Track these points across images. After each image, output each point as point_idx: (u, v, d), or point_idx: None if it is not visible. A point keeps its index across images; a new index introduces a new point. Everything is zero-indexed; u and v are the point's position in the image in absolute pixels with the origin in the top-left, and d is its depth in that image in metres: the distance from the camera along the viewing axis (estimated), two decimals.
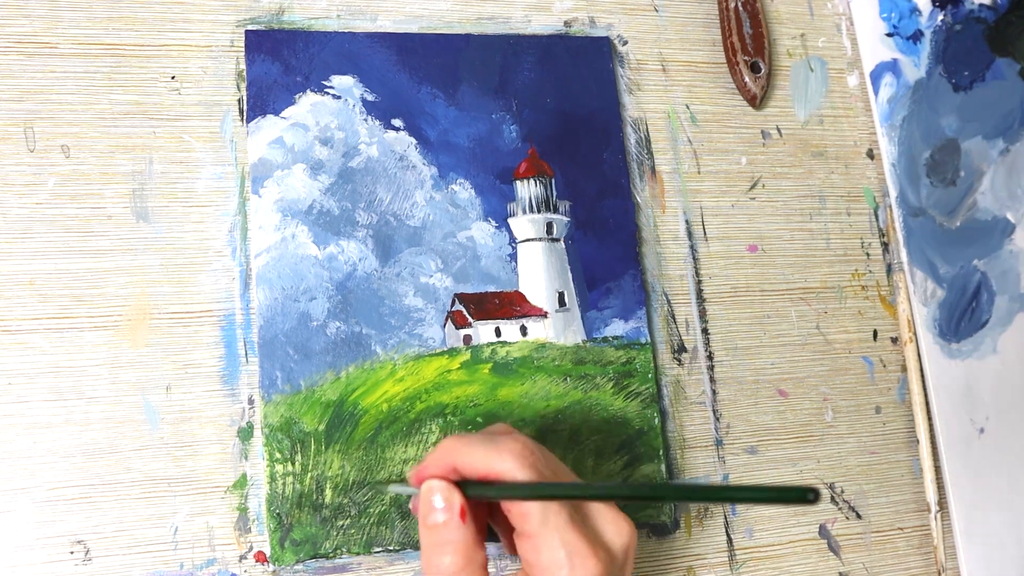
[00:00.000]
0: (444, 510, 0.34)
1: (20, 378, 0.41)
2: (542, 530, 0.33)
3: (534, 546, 0.33)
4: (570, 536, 0.33)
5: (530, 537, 0.33)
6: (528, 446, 0.34)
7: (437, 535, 0.34)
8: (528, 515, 0.33)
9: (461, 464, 0.35)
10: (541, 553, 0.33)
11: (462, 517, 0.34)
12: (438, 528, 0.34)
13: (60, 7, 0.45)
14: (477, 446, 0.34)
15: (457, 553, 0.34)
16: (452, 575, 0.34)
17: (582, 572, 0.32)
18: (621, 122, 0.51)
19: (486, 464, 0.34)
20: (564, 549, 0.32)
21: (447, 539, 0.34)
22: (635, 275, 0.49)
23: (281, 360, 0.43)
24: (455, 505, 0.34)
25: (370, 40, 0.48)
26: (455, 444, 0.35)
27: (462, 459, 0.35)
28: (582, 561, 0.32)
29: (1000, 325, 0.53)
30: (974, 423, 0.51)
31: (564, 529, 0.33)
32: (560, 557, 0.32)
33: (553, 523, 0.33)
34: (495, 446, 0.34)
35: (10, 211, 0.43)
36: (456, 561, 0.34)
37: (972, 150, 0.55)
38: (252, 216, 0.45)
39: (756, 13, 0.54)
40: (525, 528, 0.33)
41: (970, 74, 0.56)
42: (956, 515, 0.50)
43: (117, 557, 0.41)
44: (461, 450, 0.35)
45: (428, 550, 0.34)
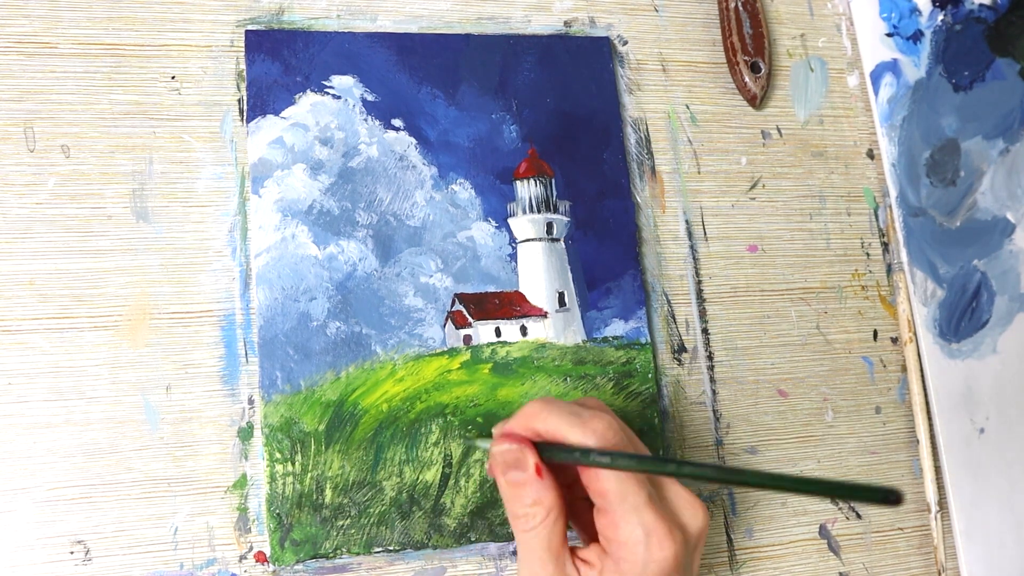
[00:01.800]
0: (519, 469, 0.35)
1: (20, 378, 0.41)
2: (621, 507, 0.33)
3: (612, 522, 0.34)
4: (648, 515, 0.33)
5: (609, 513, 0.34)
6: (613, 426, 0.35)
7: (518, 489, 0.35)
8: (608, 492, 0.34)
9: (543, 429, 0.35)
10: (619, 529, 0.33)
11: (538, 474, 0.35)
12: (518, 484, 0.35)
13: (60, 7, 0.46)
14: (563, 415, 0.35)
15: (539, 504, 0.35)
16: (536, 526, 0.35)
17: (658, 551, 0.33)
18: (621, 122, 0.51)
19: (567, 435, 0.34)
20: (642, 527, 0.33)
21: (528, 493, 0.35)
22: (635, 275, 0.49)
23: (281, 360, 0.43)
24: (529, 464, 0.35)
25: (370, 40, 0.48)
26: (541, 408, 0.36)
27: (544, 424, 0.35)
28: (659, 540, 0.33)
29: (1000, 325, 0.53)
30: (974, 423, 0.51)
31: (642, 508, 0.33)
32: (638, 534, 0.33)
33: (632, 501, 0.33)
34: (580, 419, 0.35)
35: (10, 211, 0.43)
36: (540, 512, 0.35)
37: (972, 150, 0.55)
38: (252, 216, 0.45)
39: (756, 13, 0.54)
40: (604, 504, 0.34)
41: (970, 74, 0.56)
42: (956, 515, 0.50)
43: (117, 557, 0.41)
44: (546, 416, 0.35)
45: (511, 502, 0.35)
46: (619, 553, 0.33)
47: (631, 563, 0.33)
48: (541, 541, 0.34)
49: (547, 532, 0.34)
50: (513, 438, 0.35)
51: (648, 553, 0.33)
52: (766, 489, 0.31)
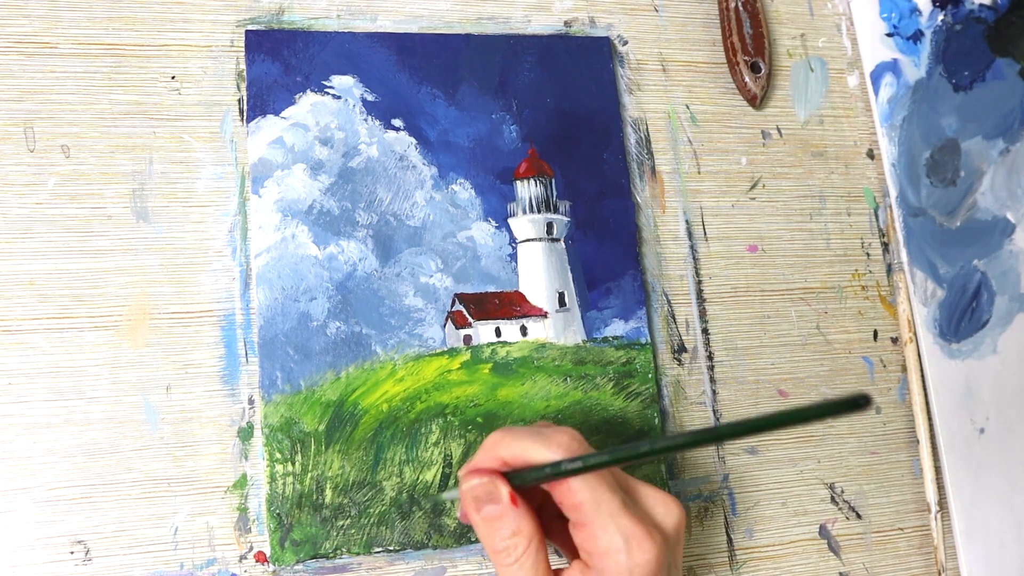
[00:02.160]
0: (492, 502, 0.35)
1: (20, 378, 0.41)
2: (596, 517, 0.33)
3: (590, 533, 0.34)
4: (624, 520, 0.33)
5: (585, 525, 0.34)
6: (576, 437, 0.35)
7: (495, 524, 0.35)
8: (581, 504, 0.34)
9: (508, 456, 0.35)
10: (598, 540, 0.33)
11: (513, 503, 0.34)
12: (493, 519, 0.35)
13: (60, 7, 0.46)
14: (524, 438, 0.35)
15: (519, 534, 0.34)
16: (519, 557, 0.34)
17: (639, 555, 0.33)
18: (621, 122, 0.51)
19: (534, 455, 0.34)
20: (620, 534, 0.33)
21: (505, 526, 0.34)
22: (635, 275, 0.49)
23: (281, 360, 0.43)
24: (502, 495, 0.35)
25: (370, 40, 0.48)
26: (502, 437, 0.36)
27: (510, 451, 0.35)
28: (639, 544, 0.33)
29: (1000, 325, 0.53)
30: (974, 423, 0.51)
31: (618, 514, 0.33)
32: (617, 542, 0.33)
33: (606, 509, 0.33)
34: (543, 437, 0.35)
35: (10, 211, 0.43)
36: (521, 542, 0.34)
37: (972, 150, 0.55)
38: (252, 216, 0.45)
39: (756, 13, 0.54)
40: (579, 517, 0.34)
41: (970, 74, 0.56)
42: (956, 515, 0.50)
43: (117, 557, 0.41)
44: (508, 443, 0.35)
45: (489, 538, 0.35)
46: (601, 564, 0.33)
47: (615, 572, 0.33)
48: (527, 572, 0.34)
49: (531, 562, 0.34)
50: (481, 472, 0.35)
51: (630, 559, 0.33)
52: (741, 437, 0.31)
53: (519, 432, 0.35)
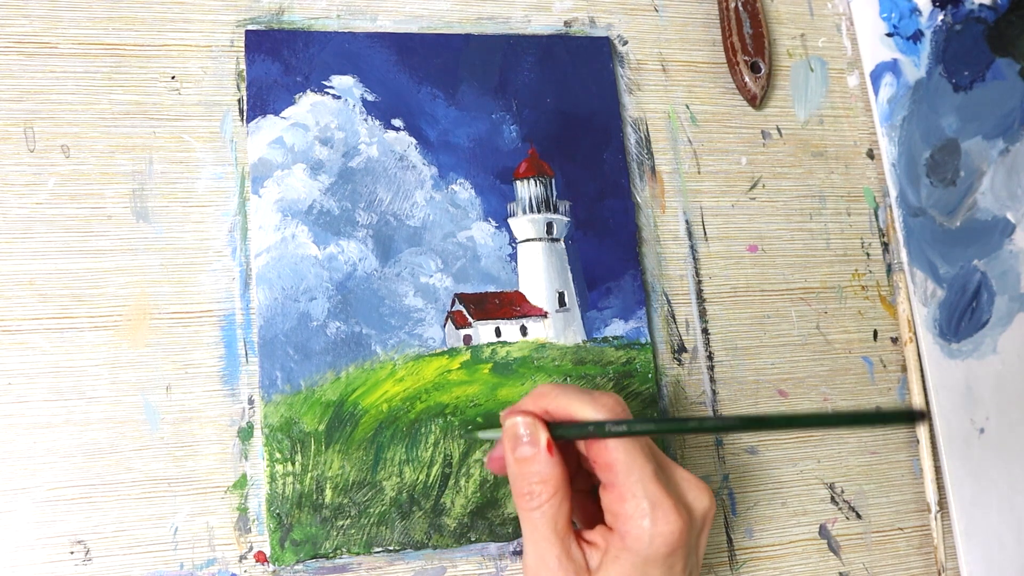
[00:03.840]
0: (530, 443, 0.35)
1: (20, 378, 0.41)
2: (627, 480, 0.33)
3: (619, 495, 0.34)
4: (654, 488, 0.33)
5: (615, 487, 0.34)
6: (621, 402, 0.35)
7: (526, 466, 0.35)
8: (614, 465, 0.34)
9: (554, 408, 0.35)
10: (626, 502, 0.33)
11: (549, 450, 0.34)
12: (526, 460, 0.35)
13: (60, 7, 0.46)
14: (572, 394, 0.35)
15: (546, 483, 0.34)
16: (542, 504, 0.34)
17: (663, 524, 0.33)
18: (621, 122, 0.51)
19: (579, 412, 0.34)
20: (648, 500, 0.33)
21: (535, 470, 0.34)
22: (635, 275, 0.49)
23: (281, 360, 0.43)
24: (541, 438, 0.35)
25: (370, 40, 0.48)
26: (549, 389, 0.36)
27: (555, 403, 0.35)
28: (664, 514, 0.33)
29: (1000, 325, 0.53)
30: (974, 423, 0.51)
31: (649, 481, 0.33)
32: (644, 507, 0.33)
33: (638, 475, 0.33)
34: (590, 396, 0.35)
35: (10, 211, 0.43)
36: (547, 490, 0.34)
37: (972, 150, 0.55)
38: (252, 216, 0.45)
39: (756, 13, 0.54)
40: (610, 478, 0.34)
41: (970, 74, 0.56)
42: (956, 515, 0.50)
43: (117, 557, 0.41)
44: (555, 395, 0.35)
45: (517, 480, 0.35)
46: (625, 527, 0.33)
47: (636, 537, 0.33)
48: (547, 520, 0.34)
49: (553, 511, 0.34)
50: (525, 413, 0.35)
51: (654, 527, 0.33)
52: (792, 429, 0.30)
53: (567, 388, 0.36)
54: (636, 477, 0.33)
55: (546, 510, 0.34)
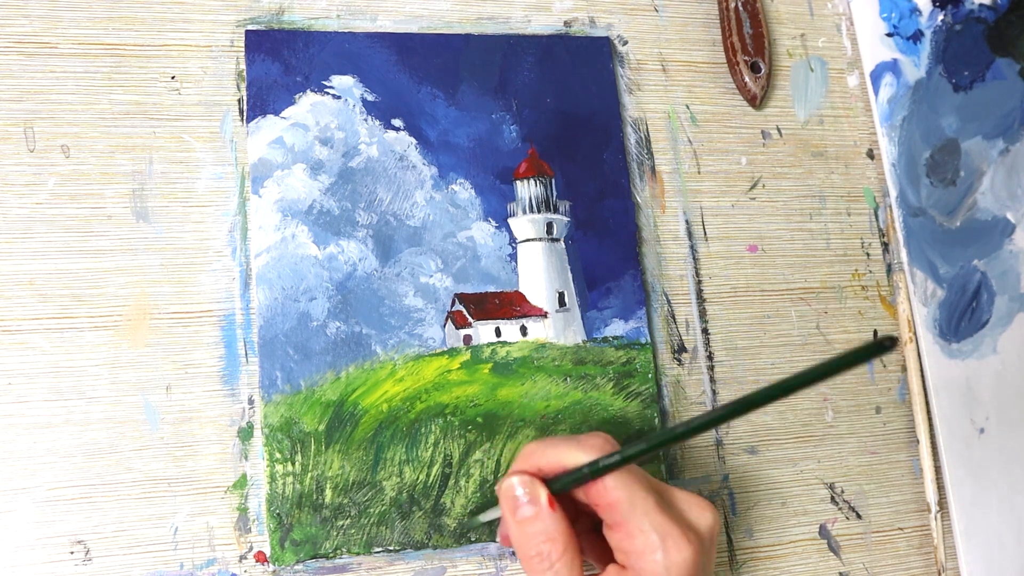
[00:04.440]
0: (530, 503, 0.34)
1: (20, 378, 0.41)
2: (632, 515, 0.33)
3: (627, 533, 0.33)
4: (660, 519, 0.33)
5: (621, 525, 0.34)
6: (608, 439, 0.35)
7: (530, 527, 0.34)
8: (616, 504, 0.33)
9: (545, 464, 0.35)
10: (635, 539, 0.33)
11: (551, 506, 0.34)
12: (529, 521, 0.34)
13: (60, 7, 0.45)
14: (558, 444, 0.35)
15: (554, 541, 0.34)
16: (553, 563, 0.34)
17: (676, 554, 0.33)
18: (621, 122, 0.51)
19: (569, 460, 0.34)
20: (656, 532, 0.33)
21: (540, 529, 0.34)
22: (635, 275, 0.49)
23: (281, 360, 0.43)
24: (540, 495, 0.34)
25: (370, 40, 0.48)
26: (536, 447, 0.36)
27: (545, 459, 0.35)
28: (675, 543, 0.33)
29: (1000, 325, 0.53)
30: (974, 423, 0.51)
31: (653, 513, 0.33)
32: (654, 540, 0.33)
33: (641, 508, 0.33)
34: (576, 442, 0.35)
35: (10, 211, 0.43)
36: (556, 548, 0.34)
37: (972, 150, 0.55)
38: (252, 216, 0.45)
39: (756, 13, 0.54)
40: (615, 518, 0.34)
41: (970, 74, 0.56)
42: (956, 515, 0.50)
43: (117, 557, 0.41)
44: (543, 451, 0.35)
45: (524, 544, 0.34)
46: (638, 564, 0.33)
47: (651, 572, 0.33)
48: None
49: (566, 568, 0.34)
50: (519, 474, 0.35)
51: (667, 558, 0.33)
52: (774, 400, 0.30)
53: (552, 440, 0.36)
54: (640, 511, 0.33)
55: (559, 569, 0.34)
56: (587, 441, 0.35)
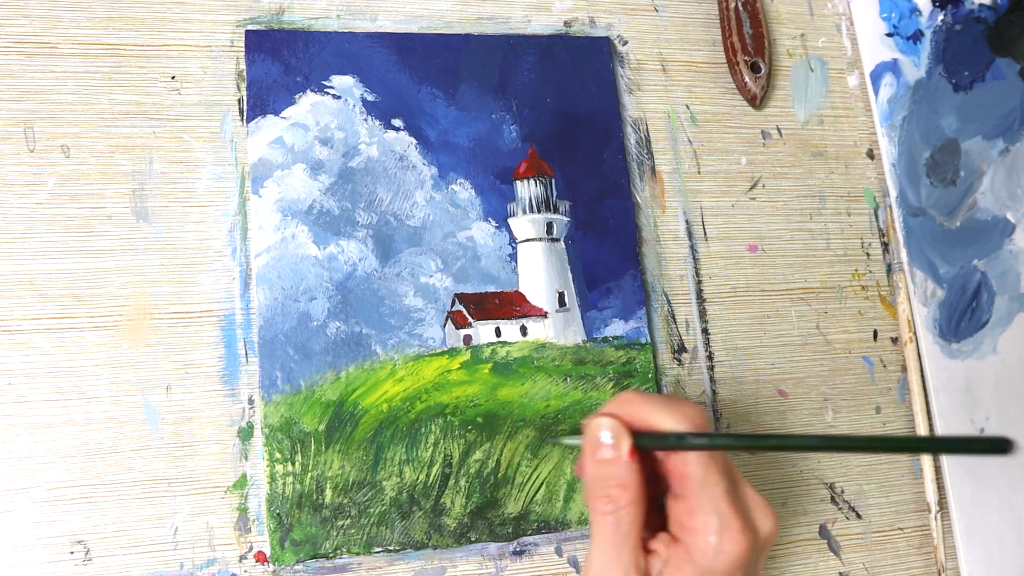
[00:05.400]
0: (612, 446, 0.34)
1: (20, 378, 0.41)
2: (700, 494, 0.33)
3: (689, 508, 0.34)
4: (725, 506, 0.33)
5: (686, 500, 0.34)
6: (703, 414, 0.35)
7: (604, 469, 0.34)
8: (689, 478, 0.33)
9: (636, 418, 0.35)
10: (696, 516, 0.33)
11: (630, 455, 0.34)
12: (606, 463, 0.34)
13: (60, 7, 0.45)
14: (653, 403, 0.35)
15: (623, 488, 0.34)
16: (618, 509, 0.34)
17: (730, 544, 0.33)
18: (621, 122, 0.51)
19: (660, 422, 0.34)
20: (717, 516, 0.33)
21: (613, 473, 0.34)
22: (635, 275, 0.49)
23: (281, 360, 0.43)
24: (623, 442, 0.34)
25: (370, 40, 0.48)
26: (632, 397, 0.35)
27: (637, 413, 0.35)
28: (731, 533, 0.33)
29: (1000, 325, 0.53)
30: (974, 423, 0.51)
31: (721, 498, 0.33)
32: (713, 523, 0.33)
33: (711, 491, 0.33)
34: (671, 406, 0.35)
35: (10, 211, 0.43)
36: (622, 496, 0.34)
37: (972, 150, 0.55)
38: (252, 216, 0.45)
39: (756, 13, 0.54)
40: (683, 490, 0.34)
41: (970, 74, 0.56)
42: (956, 515, 0.50)
43: (117, 557, 0.41)
44: (637, 405, 0.35)
45: (595, 484, 0.35)
46: (691, 539, 0.33)
47: (701, 551, 0.33)
48: (621, 525, 0.34)
49: (629, 518, 0.34)
50: (612, 416, 0.35)
51: (720, 543, 0.33)
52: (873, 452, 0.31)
53: (649, 397, 0.35)
54: (709, 493, 0.33)
55: (621, 516, 0.34)
56: (682, 409, 0.35)
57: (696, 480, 0.33)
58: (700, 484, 0.33)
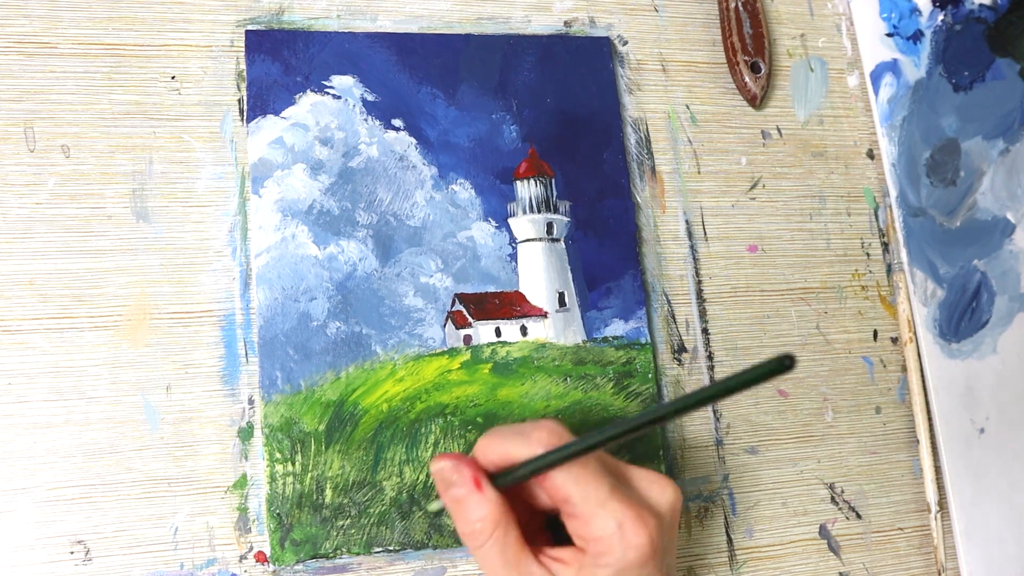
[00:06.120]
0: (459, 484, 0.35)
1: (20, 378, 0.41)
2: (585, 506, 0.33)
3: (583, 522, 0.34)
4: (615, 506, 0.33)
5: (577, 516, 0.34)
6: (555, 431, 0.35)
7: (462, 507, 0.35)
8: (570, 496, 0.34)
9: (495, 458, 0.35)
10: (591, 526, 0.33)
11: (476, 486, 0.35)
12: (460, 500, 0.35)
13: (60, 7, 0.45)
14: (506, 437, 0.35)
15: (484, 520, 0.34)
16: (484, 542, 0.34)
17: (634, 538, 0.33)
18: (621, 122, 0.51)
19: (515, 453, 0.35)
20: (613, 519, 0.33)
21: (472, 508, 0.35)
22: (635, 275, 0.49)
23: (281, 360, 0.43)
24: (466, 475, 0.35)
25: (370, 40, 0.48)
26: (487, 441, 0.36)
27: (495, 452, 0.35)
28: (632, 527, 0.33)
29: (1000, 325, 0.53)
30: (974, 423, 0.51)
31: (608, 501, 0.33)
32: (610, 526, 0.33)
33: (594, 497, 0.33)
34: (523, 435, 0.35)
35: (10, 211, 0.43)
36: (487, 527, 0.34)
37: (972, 150, 0.55)
38: (252, 216, 0.45)
39: (756, 13, 0.54)
40: (570, 509, 0.34)
41: (970, 74, 0.56)
42: (956, 515, 0.50)
43: (117, 557, 0.41)
44: (493, 444, 0.36)
45: (458, 522, 0.35)
46: (596, 549, 0.33)
47: (608, 555, 0.33)
48: (495, 555, 0.34)
49: (499, 546, 0.34)
50: (448, 457, 0.36)
51: (624, 542, 0.33)
52: (684, 413, 0.31)
53: (501, 432, 0.36)
54: (594, 500, 0.33)
55: (492, 545, 0.34)
56: (533, 434, 0.35)
57: (576, 495, 0.33)
58: (582, 498, 0.33)
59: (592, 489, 0.33)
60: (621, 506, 0.33)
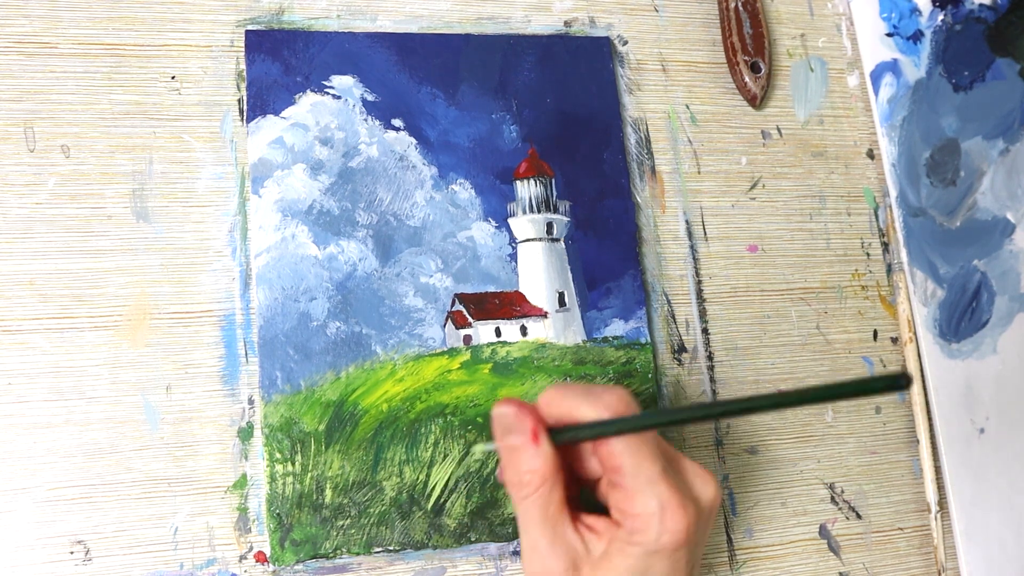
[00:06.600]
0: (518, 432, 0.35)
1: (20, 378, 0.41)
2: (634, 481, 0.34)
3: (627, 496, 0.34)
4: (662, 488, 0.33)
5: (622, 488, 0.34)
6: (624, 398, 0.35)
7: (515, 456, 0.35)
8: (621, 467, 0.34)
9: (559, 413, 0.35)
10: (634, 502, 0.34)
11: (534, 440, 0.35)
12: (514, 450, 0.35)
13: (60, 7, 0.46)
14: (576, 395, 0.35)
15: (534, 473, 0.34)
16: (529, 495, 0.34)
17: (672, 523, 0.33)
18: (621, 122, 0.51)
19: (582, 413, 0.35)
20: (656, 500, 0.33)
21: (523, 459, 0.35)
22: (635, 275, 0.49)
23: (281, 360, 0.43)
24: (527, 425, 0.35)
25: (370, 40, 0.48)
26: (554, 393, 0.36)
27: (560, 407, 0.35)
28: (672, 513, 0.33)
29: (1000, 325, 0.53)
30: (974, 423, 0.51)
31: (657, 480, 0.33)
32: (652, 506, 0.33)
33: (646, 475, 0.33)
34: (592, 396, 0.35)
35: (10, 211, 0.43)
36: (534, 480, 0.34)
37: (972, 150, 0.55)
38: (252, 216, 0.45)
39: (756, 13, 0.54)
40: (618, 479, 0.34)
41: (970, 74, 0.56)
42: (956, 515, 0.50)
43: (117, 557, 0.41)
44: (560, 400, 0.36)
45: (507, 470, 0.35)
46: (633, 525, 0.34)
47: (644, 534, 0.33)
48: (537, 509, 0.34)
49: (542, 500, 0.34)
50: (512, 403, 0.36)
51: (662, 525, 0.33)
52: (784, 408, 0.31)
53: (570, 389, 0.36)
54: (644, 477, 0.33)
55: (535, 499, 0.34)
56: (603, 397, 0.35)
57: (628, 469, 0.34)
58: (633, 472, 0.34)
59: (646, 466, 0.33)
60: (668, 489, 0.33)
